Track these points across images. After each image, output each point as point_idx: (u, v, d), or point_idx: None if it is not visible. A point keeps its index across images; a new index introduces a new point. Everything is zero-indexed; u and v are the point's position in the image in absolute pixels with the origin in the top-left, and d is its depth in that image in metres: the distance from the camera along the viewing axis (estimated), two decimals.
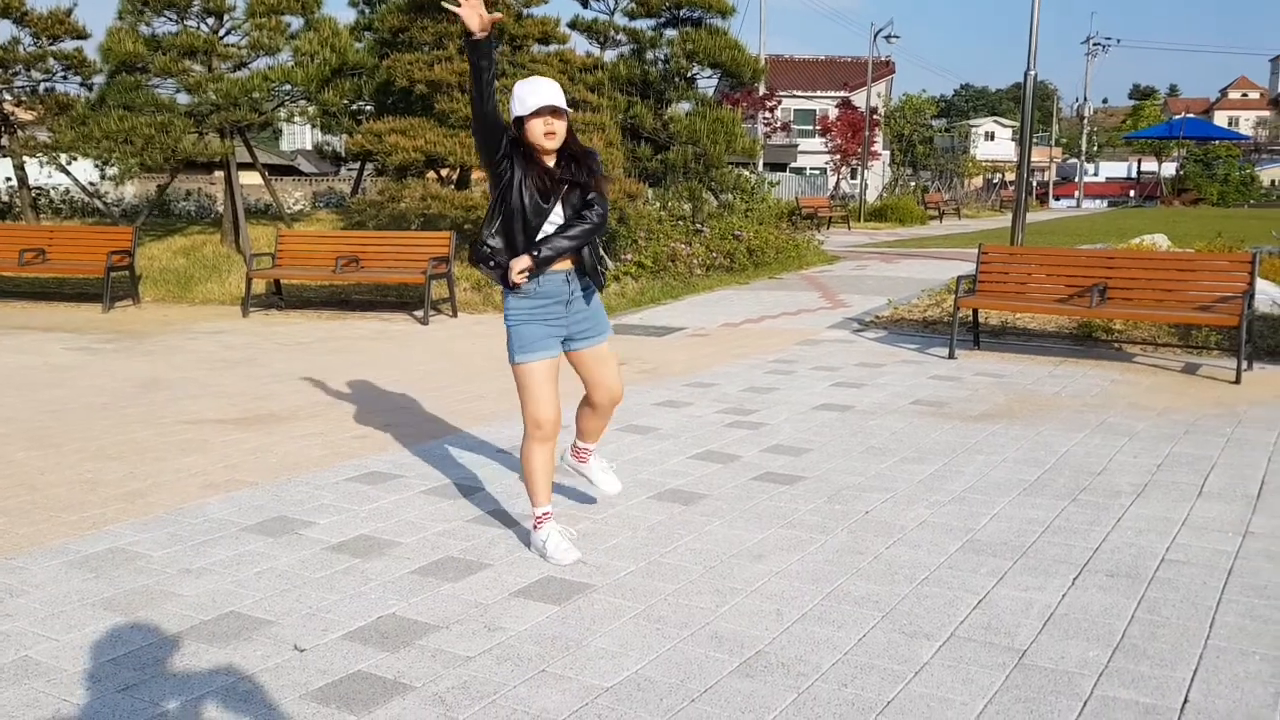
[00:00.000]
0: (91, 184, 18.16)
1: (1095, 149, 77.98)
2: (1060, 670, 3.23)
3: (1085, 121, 65.22)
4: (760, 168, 30.41)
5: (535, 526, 4.23)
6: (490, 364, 8.56)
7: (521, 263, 3.93)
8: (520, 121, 3.93)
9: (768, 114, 38.13)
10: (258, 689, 3.11)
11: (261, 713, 2.98)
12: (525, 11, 15.82)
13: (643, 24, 18.56)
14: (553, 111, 3.90)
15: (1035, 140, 13.40)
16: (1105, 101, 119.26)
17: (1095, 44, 59.60)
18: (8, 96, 16.33)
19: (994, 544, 4.34)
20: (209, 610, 3.67)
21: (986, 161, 66.07)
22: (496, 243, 4.01)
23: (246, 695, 3.07)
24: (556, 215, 4.01)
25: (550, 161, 4.00)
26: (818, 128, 45.47)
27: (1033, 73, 12.77)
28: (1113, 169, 74.38)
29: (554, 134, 3.92)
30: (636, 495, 5.01)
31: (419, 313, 11.46)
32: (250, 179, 18.57)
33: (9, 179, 17.41)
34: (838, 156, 41.93)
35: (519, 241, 3.98)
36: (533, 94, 3.90)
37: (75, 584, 3.90)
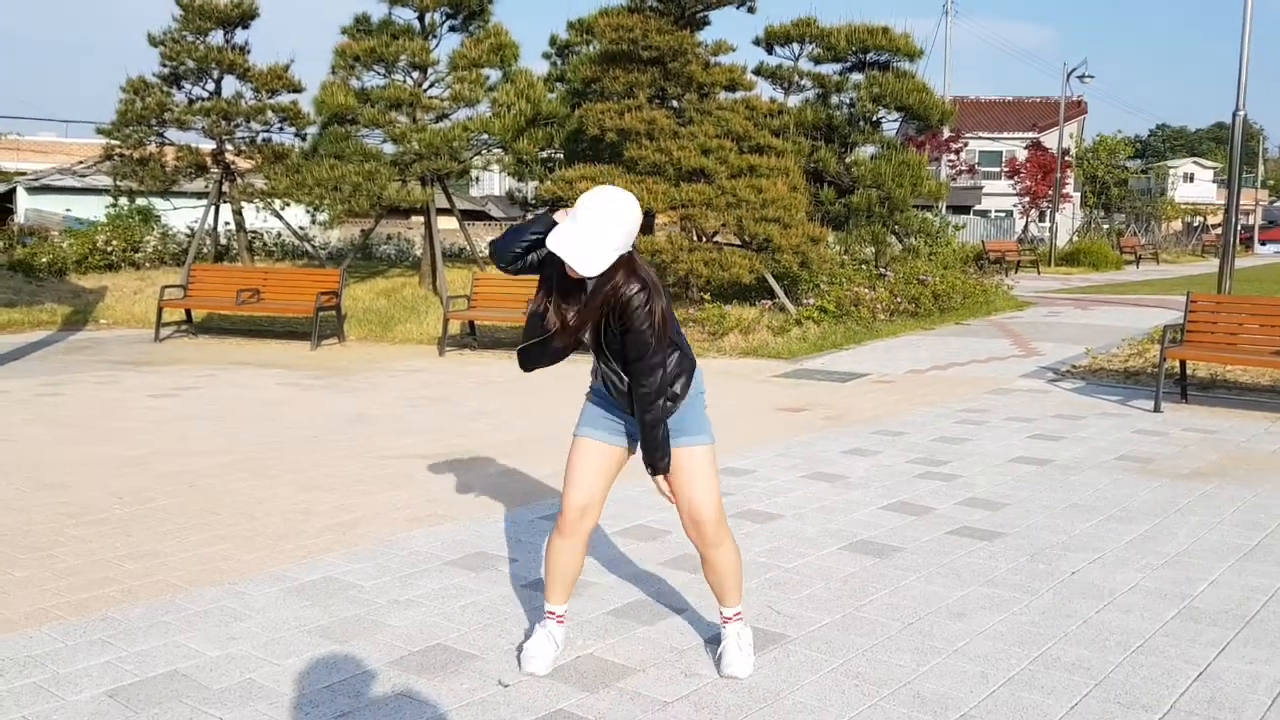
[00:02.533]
0: (301, 228, 19.30)
1: None
2: None
3: None
4: (944, 211, 29.78)
5: (543, 616, 3.67)
6: None
7: None
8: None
9: (953, 156, 37.37)
10: None
11: None
12: (713, 60, 16.03)
13: (828, 68, 18.58)
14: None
15: (1242, 183, 12.69)
16: None
17: None
18: (229, 146, 17.56)
19: (1214, 612, 4.10)
20: (418, 642, 3.81)
21: (1185, 204, 62.84)
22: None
23: None
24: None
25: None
26: (1005, 169, 44.28)
27: (1241, 112, 12.15)
28: None
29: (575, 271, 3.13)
30: (827, 545, 4.96)
31: None
32: (446, 224, 19.37)
33: (228, 223, 18.68)
34: (1026, 199, 40.67)
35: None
36: (567, 242, 3.09)
37: (293, 611, 4.12)
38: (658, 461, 3.38)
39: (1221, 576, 4.51)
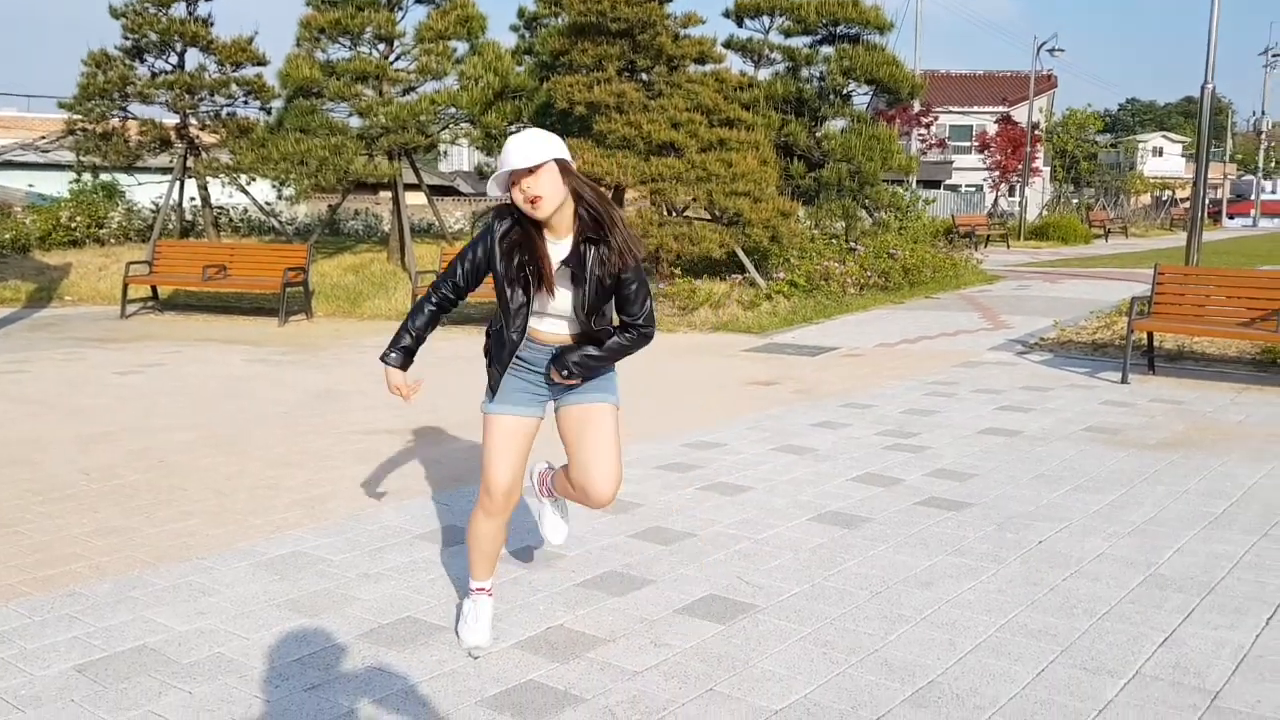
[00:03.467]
0: (268, 203, 19.10)
1: (1273, 165, 73.92)
2: (1257, 715, 3.06)
3: (1263, 136, 61.90)
4: (914, 185, 29.88)
5: (470, 593, 3.63)
6: (654, 380, 8.63)
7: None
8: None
9: (923, 130, 37.44)
10: (436, 693, 3.21)
11: (441, 717, 3.07)
12: (682, 32, 15.95)
13: (798, 41, 18.51)
14: (528, 172, 3.14)
15: (1210, 156, 12.78)
16: None
17: (1274, 55, 56.58)
18: (193, 121, 17.32)
19: (1179, 579, 4.15)
20: (387, 614, 3.80)
21: (1155, 178, 63.31)
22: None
23: (426, 699, 3.17)
24: (563, 302, 3.32)
25: (558, 233, 3.28)
26: (975, 144, 44.41)
27: (1210, 85, 12.20)
28: None
29: (537, 199, 3.15)
30: (797, 517, 4.98)
31: None
32: (414, 199, 19.24)
33: (193, 199, 18.46)
34: (996, 173, 40.84)
35: (507, 338, 3.38)
36: (503, 159, 3.18)
37: (262, 585, 4.09)
38: (580, 373, 3.36)
39: (1187, 544, 4.57)
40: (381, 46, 15.79)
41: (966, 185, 49.46)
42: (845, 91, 18.24)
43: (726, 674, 3.34)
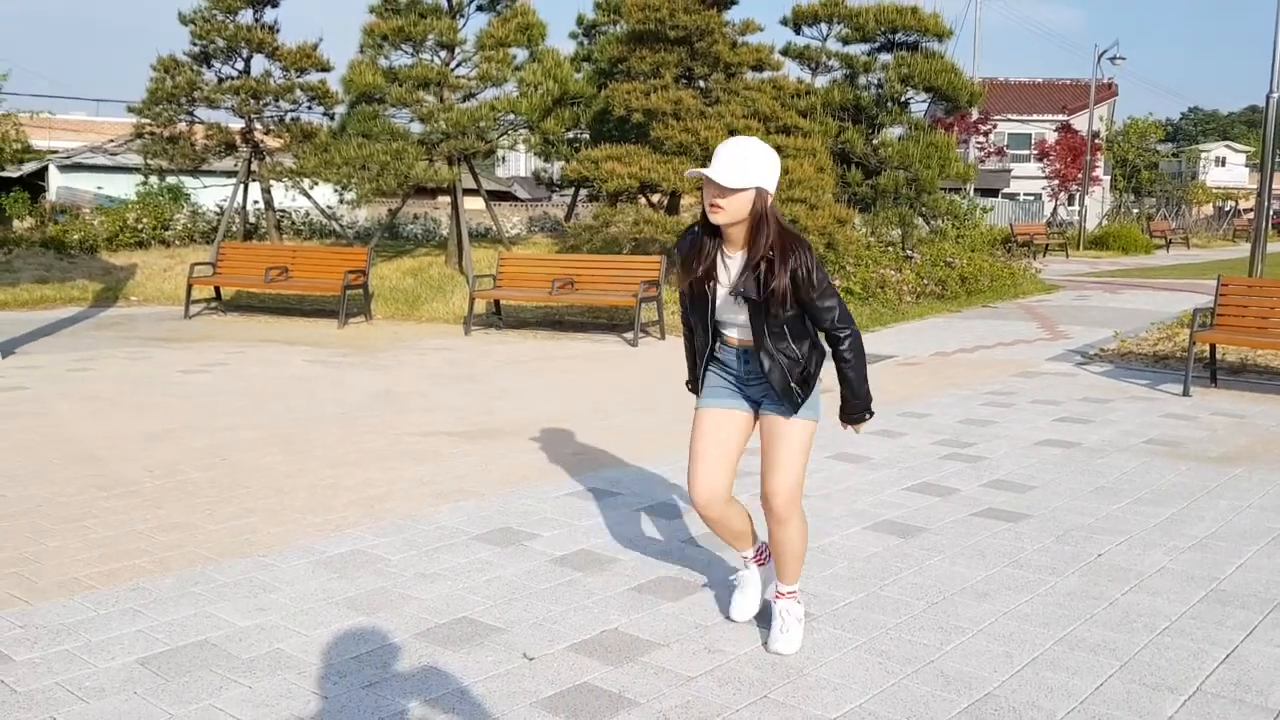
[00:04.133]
0: (329, 207, 19.39)
1: None
2: None
3: None
4: (972, 193, 29.58)
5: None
6: None
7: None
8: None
9: (981, 138, 37.08)
10: (491, 694, 3.24)
11: (495, 717, 3.10)
12: (740, 40, 15.98)
13: (856, 49, 18.46)
14: (715, 187, 3.22)
15: (1275, 166, 12.54)
16: None
17: None
18: (258, 125, 17.63)
19: (1242, 595, 4.08)
20: (443, 614, 3.85)
21: (1217, 188, 62.11)
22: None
23: (481, 699, 3.21)
24: (730, 315, 3.46)
25: (735, 245, 3.37)
26: (1034, 152, 43.87)
27: (1275, 94, 11.96)
28: None
29: (716, 208, 3.24)
30: (852, 525, 4.96)
31: (629, 334, 11.69)
32: (472, 204, 19.41)
33: (257, 202, 18.78)
34: (1055, 182, 40.32)
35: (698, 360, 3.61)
36: (714, 156, 3.28)
37: (321, 583, 4.16)
38: (859, 415, 3.57)
39: (1250, 560, 4.49)
40: (443, 53, 15.97)
41: (1025, 194, 48.86)
42: (903, 99, 18.13)
43: (781, 681, 3.34)
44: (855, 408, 3.56)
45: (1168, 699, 3.22)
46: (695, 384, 3.73)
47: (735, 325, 3.49)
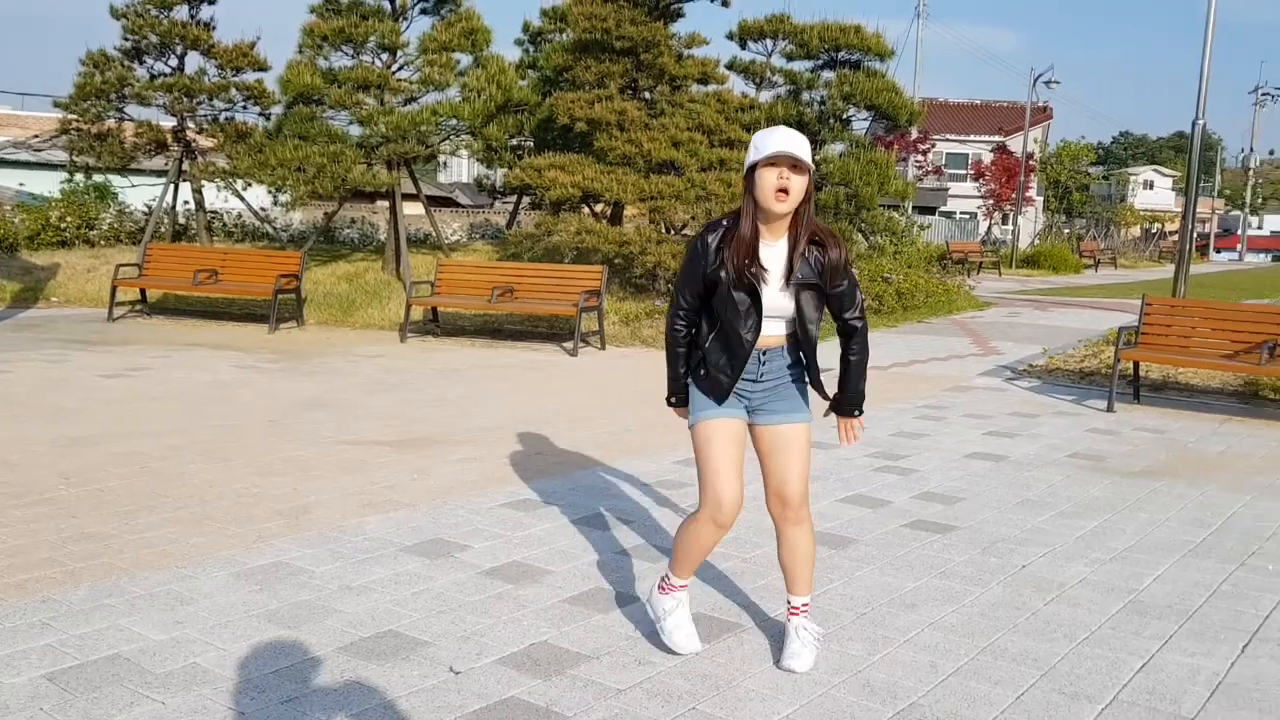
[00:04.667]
0: (262, 209, 19.09)
1: (1260, 202, 74.42)
2: None
3: (1250, 173, 62.32)
4: (910, 210, 30.00)
5: (661, 589, 3.66)
6: (637, 397, 8.63)
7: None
8: (751, 173, 3.28)
9: (920, 157, 37.64)
10: (415, 709, 3.18)
11: None
12: (686, 52, 16.04)
13: (800, 65, 18.64)
14: (792, 165, 3.20)
15: (1199, 190, 12.86)
16: (1272, 153, 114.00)
17: (1264, 94, 57.06)
18: (191, 124, 17.31)
19: (1158, 606, 4.15)
20: (368, 628, 3.78)
21: (1144, 211, 63.71)
22: (718, 358, 3.42)
23: (404, 715, 3.15)
24: (783, 303, 3.37)
25: (775, 235, 3.34)
26: (970, 172, 44.62)
27: (1201, 121, 12.29)
28: (1278, 223, 70.91)
29: (787, 191, 3.21)
30: None
31: (569, 344, 11.65)
32: (412, 209, 19.25)
33: (187, 202, 18.43)
34: (990, 201, 41.04)
35: (730, 355, 3.40)
36: (767, 139, 3.25)
37: (241, 595, 4.06)
38: (860, 401, 3.58)
39: (1167, 572, 4.57)
40: (385, 56, 15.81)
41: (961, 212, 49.70)
42: (845, 116, 18.35)
43: (710, 693, 3.32)
44: (856, 400, 3.60)
45: (1085, 708, 3.26)
46: (680, 395, 3.58)
47: (780, 319, 3.42)
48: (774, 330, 3.43)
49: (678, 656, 3.58)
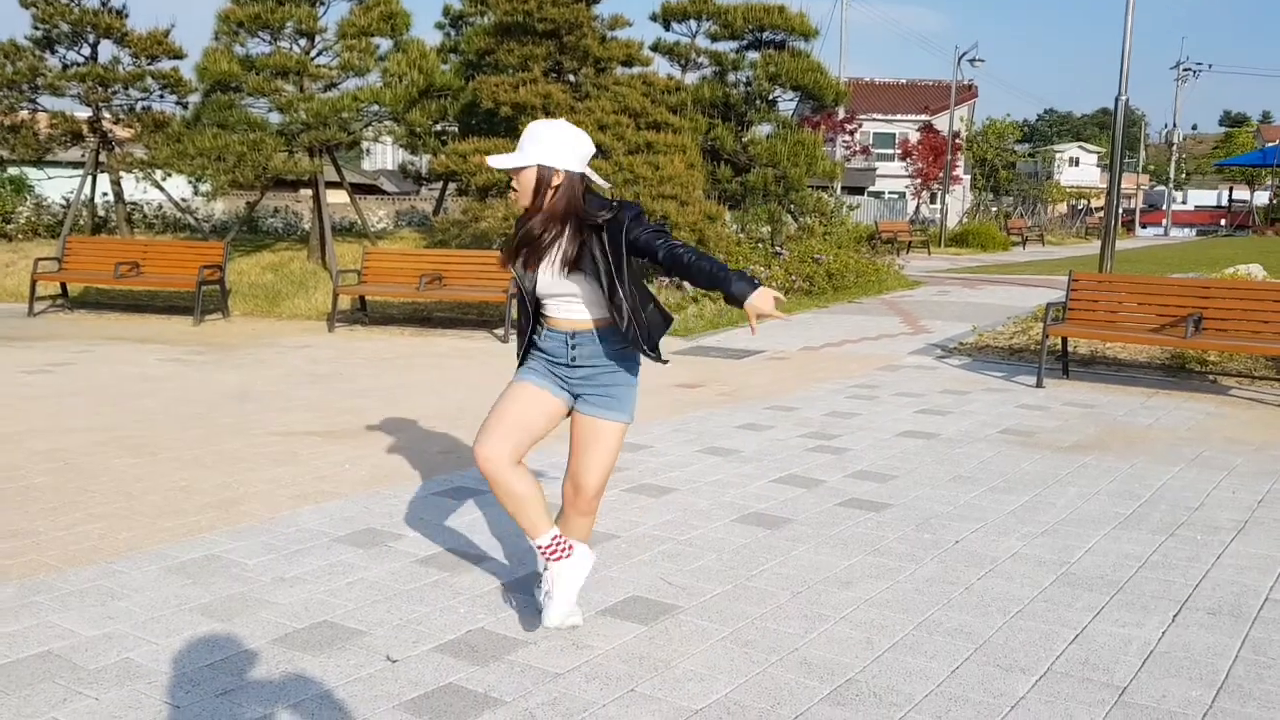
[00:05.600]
0: (184, 200, 18.68)
1: (1184, 177, 76.31)
2: (1162, 709, 3.14)
3: (1174, 148, 63.82)
4: (839, 191, 30.27)
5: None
6: None
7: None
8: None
9: (847, 137, 37.95)
10: (352, 698, 3.15)
11: None
12: (609, 34, 15.98)
13: (725, 46, 18.65)
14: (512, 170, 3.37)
15: (1123, 166, 13.15)
16: (1195, 128, 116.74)
17: (1185, 69, 58.41)
18: (107, 114, 16.85)
19: (1090, 578, 4.24)
20: (303, 619, 3.72)
21: (1071, 187, 64.94)
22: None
23: (341, 704, 3.11)
24: (570, 284, 3.41)
25: (548, 229, 3.38)
26: (898, 151, 45.14)
27: (1124, 98, 12.56)
28: (1202, 197, 72.79)
29: (513, 193, 3.41)
30: (720, 518, 4.99)
31: (499, 330, 11.58)
32: (336, 197, 18.96)
33: (105, 194, 17.97)
34: (918, 180, 41.55)
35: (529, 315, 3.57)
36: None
37: (173, 589, 3.98)
38: (744, 285, 3.25)
39: (1098, 544, 4.67)
40: (303, 42, 15.52)
41: (890, 192, 50.23)
42: (771, 97, 18.40)
43: (648, 674, 3.33)
44: (737, 283, 3.26)
45: (1020, 679, 3.32)
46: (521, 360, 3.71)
47: (563, 298, 3.44)
48: (572, 313, 3.46)
49: (615, 640, 3.58)
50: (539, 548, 3.53)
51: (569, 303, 3.45)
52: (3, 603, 3.80)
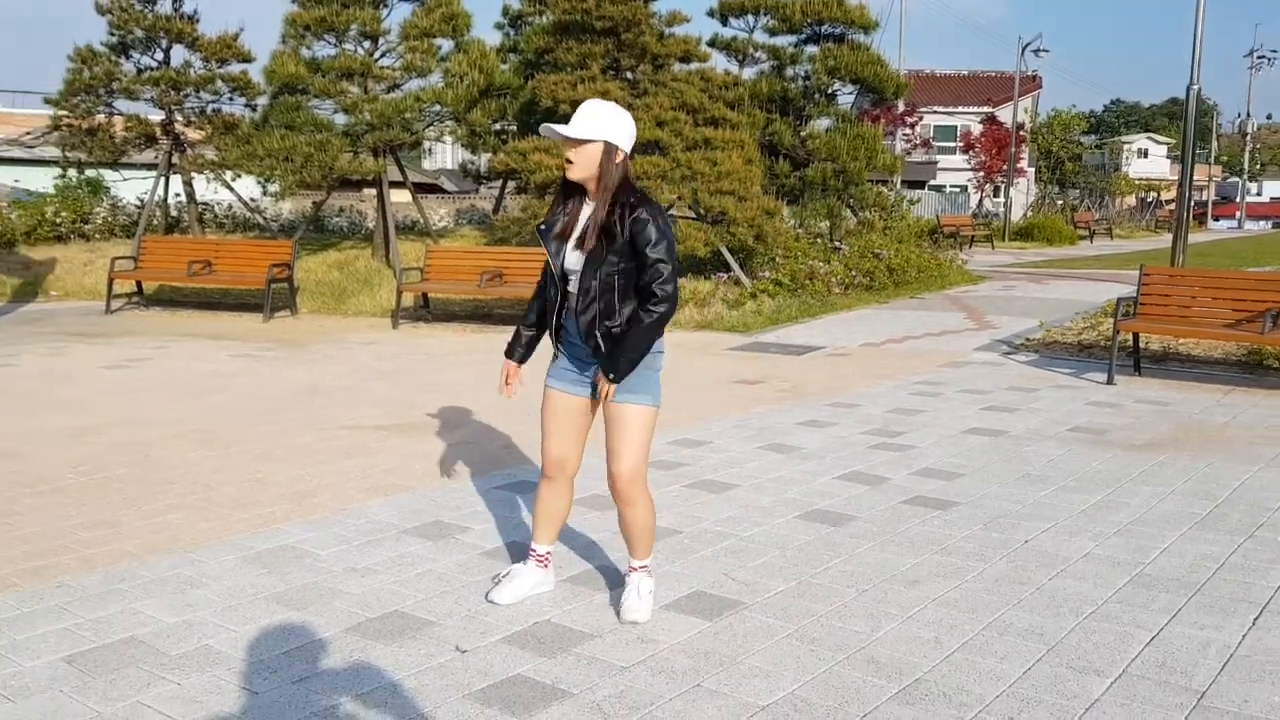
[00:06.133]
0: (252, 200, 19.03)
1: (1258, 168, 74.40)
2: (1244, 714, 3.08)
3: (1248, 139, 62.21)
4: (899, 185, 29.98)
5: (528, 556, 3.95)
6: None
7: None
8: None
9: (908, 130, 37.55)
10: (423, 687, 3.20)
11: (427, 711, 3.06)
12: (667, 31, 15.97)
13: (783, 40, 18.54)
14: (571, 140, 3.48)
15: (1195, 158, 12.86)
16: (1269, 118, 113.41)
17: (1259, 57, 56.96)
18: (179, 117, 17.23)
19: (1165, 579, 4.17)
20: (374, 609, 3.79)
21: (1139, 180, 63.63)
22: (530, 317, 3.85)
23: (413, 693, 3.17)
24: (573, 264, 3.56)
25: (588, 206, 3.56)
26: (959, 144, 44.56)
27: (1196, 87, 12.28)
28: (1278, 189, 70.85)
29: (569, 163, 3.50)
30: (783, 514, 4.99)
31: None
32: (399, 196, 19.17)
33: (178, 195, 18.37)
34: (981, 174, 40.98)
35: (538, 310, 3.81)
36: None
37: (250, 578, 4.08)
38: (619, 369, 3.47)
39: (1173, 545, 4.59)
40: (367, 44, 15.74)
41: (951, 186, 49.62)
42: (830, 91, 18.27)
43: (714, 670, 3.34)
44: (619, 362, 3.46)
45: (1094, 682, 3.28)
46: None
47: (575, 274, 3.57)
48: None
49: (680, 635, 3.60)
50: (532, 550, 3.91)
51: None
52: (89, 589, 3.93)
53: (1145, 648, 3.53)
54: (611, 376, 3.48)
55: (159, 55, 17.08)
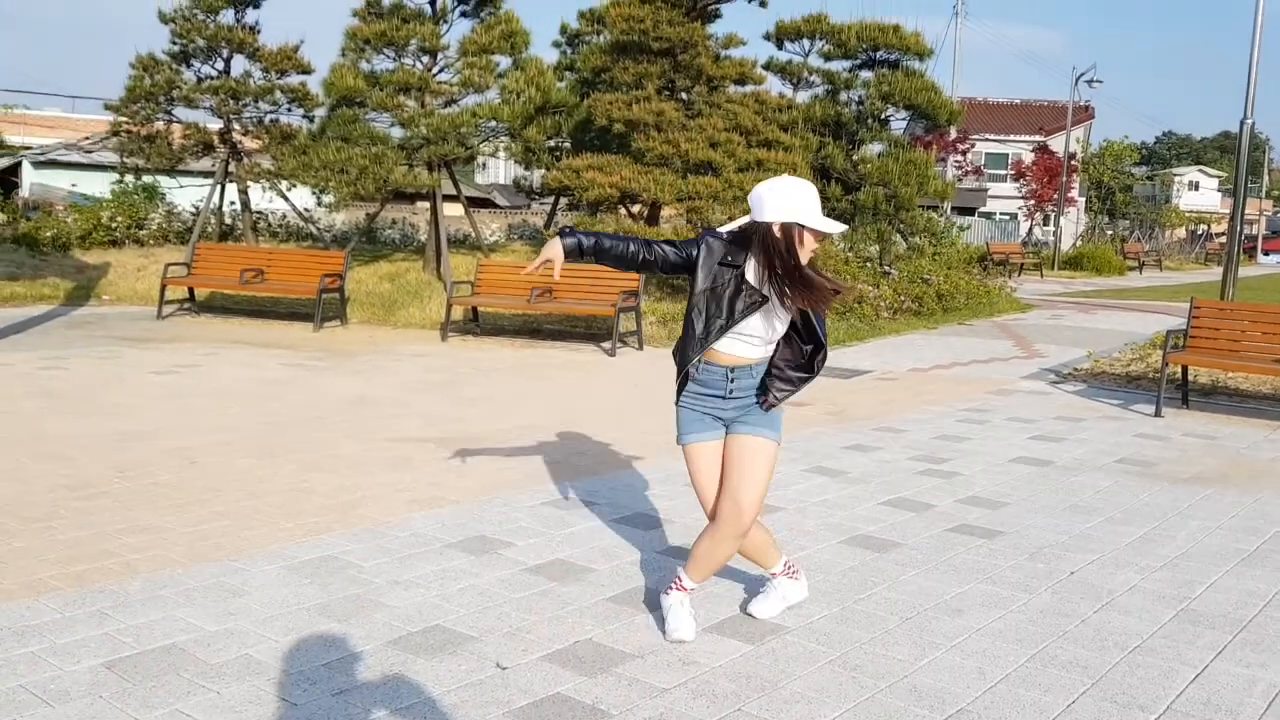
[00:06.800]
0: (306, 210, 19.28)
1: None
2: None
3: None
4: (949, 211, 29.78)
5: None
6: None
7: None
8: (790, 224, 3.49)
9: (959, 157, 37.32)
10: (462, 704, 3.21)
11: None
12: (723, 53, 16.04)
13: (838, 65, 18.55)
14: (821, 236, 3.56)
15: (1247, 191, 12.70)
16: None
17: None
18: (237, 126, 17.52)
19: (1212, 615, 4.10)
20: (416, 622, 3.82)
21: (1190, 212, 62.76)
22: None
23: (452, 709, 3.18)
24: (757, 326, 3.57)
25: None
26: (1010, 172, 44.20)
27: (1249, 121, 12.12)
28: None
29: (813, 252, 3.57)
30: (827, 539, 4.96)
31: (607, 344, 11.68)
32: (451, 210, 19.35)
33: (233, 203, 18.66)
34: (1031, 202, 40.62)
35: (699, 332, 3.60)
36: (801, 205, 3.48)
37: (292, 588, 4.12)
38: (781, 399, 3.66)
39: (1220, 580, 4.52)
40: (425, 59, 15.92)
41: (1001, 213, 49.22)
42: (883, 116, 18.22)
43: (755, 694, 3.33)
44: (787, 393, 3.68)
45: (1139, 717, 3.23)
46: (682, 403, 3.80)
47: (742, 339, 3.58)
48: (737, 351, 3.61)
49: (722, 658, 3.59)
50: (773, 574, 3.98)
51: (747, 340, 3.59)
52: (131, 595, 3.98)
53: (1190, 684, 3.48)
54: (773, 399, 3.63)
55: (219, 65, 17.39)
